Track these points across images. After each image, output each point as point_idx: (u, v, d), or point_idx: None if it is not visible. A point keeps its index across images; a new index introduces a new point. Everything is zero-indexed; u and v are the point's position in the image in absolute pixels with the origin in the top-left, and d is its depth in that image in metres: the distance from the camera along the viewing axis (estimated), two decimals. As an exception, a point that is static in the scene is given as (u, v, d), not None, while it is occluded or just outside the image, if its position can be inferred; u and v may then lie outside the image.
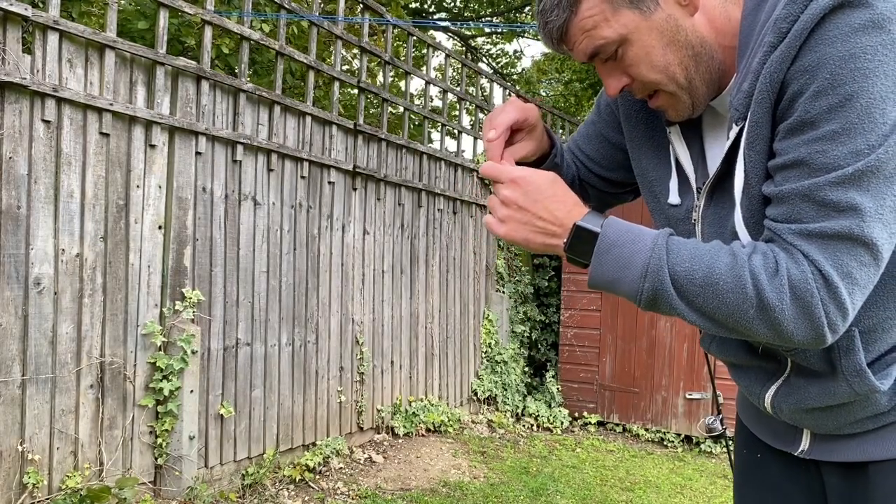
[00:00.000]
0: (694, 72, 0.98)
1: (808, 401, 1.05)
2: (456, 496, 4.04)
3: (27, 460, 2.87)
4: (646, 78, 0.99)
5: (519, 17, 13.22)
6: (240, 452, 3.83)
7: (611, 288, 0.94)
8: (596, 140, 1.27)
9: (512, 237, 0.97)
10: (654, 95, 1.02)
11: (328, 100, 5.01)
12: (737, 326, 0.89)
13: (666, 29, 0.96)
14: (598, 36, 0.96)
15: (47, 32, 2.91)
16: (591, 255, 0.93)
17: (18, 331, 2.86)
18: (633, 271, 0.91)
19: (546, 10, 0.98)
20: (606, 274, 0.93)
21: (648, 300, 0.92)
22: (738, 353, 1.15)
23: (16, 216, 2.84)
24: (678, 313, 0.92)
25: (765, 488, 1.22)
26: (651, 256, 0.90)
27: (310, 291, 4.32)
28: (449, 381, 5.69)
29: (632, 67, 0.99)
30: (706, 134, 1.07)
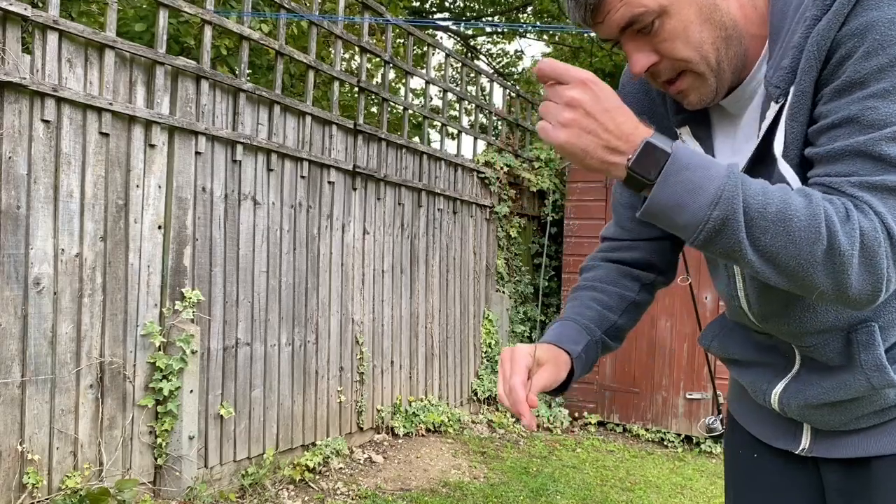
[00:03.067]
0: (724, 54, 0.96)
1: (821, 396, 1.04)
2: (456, 496, 4.04)
3: (27, 460, 2.87)
4: (679, 55, 0.95)
5: (520, 17, 13.22)
6: (240, 452, 3.82)
7: (670, 215, 0.84)
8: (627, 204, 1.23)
9: (572, 145, 0.84)
10: (678, 78, 0.99)
11: (328, 99, 5.01)
12: (798, 271, 0.83)
13: (704, 5, 0.94)
14: (638, 3, 0.92)
15: (47, 32, 2.91)
16: (656, 177, 0.83)
17: (18, 331, 2.86)
18: (703, 197, 0.82)
19: None
20: (671, 198, 0.83)
21: (712, 231, 0.82)
22: (743, 350, 1.14)
23: (15, 216, 2.84)
24: (737, 251, 0.83)
25: (762, 489, 1.20)
26: (727, 183, 0.82)
27: (310, 291, 4.32)
28: (449, 381, 5.69)
29: (665, 43, 0.94)
30: (716, 133, 1.06)
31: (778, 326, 1.06)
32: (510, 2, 12.65)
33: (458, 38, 13.37)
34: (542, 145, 7.03)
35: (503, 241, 6.41)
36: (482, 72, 6.42)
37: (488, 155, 6.28)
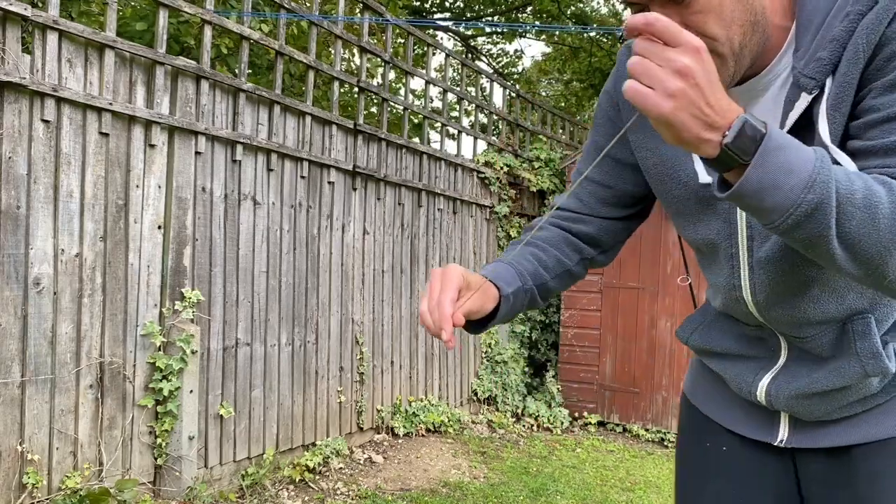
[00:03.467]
0: (748, 39, 0.92)
1: (812, 386, 1.05)
2: (456, 496, 4.04)
3: (27, 460, 2.87)
4: (709, 30, 0.89)
5: (519, 17, 13.22)
6: (239, 452, 3.82)
7: (762, 196, 0.79)
8: (605, 163, 1.21)
9: (675, 117, 0.76)
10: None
11: (328, 99, 5.01)
12: (876, 258, 0.82)
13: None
14: None
15: (47, 32, 2.91)
16: (751, 156, 0.78)
17: (18, 331, 2.86)
18: (798, 178, 0.78)
19: None
20: (766, 178, 0.78)
21: (803, 214, 0.79)
22: (729, 343, 1.15)
23: (15, 216, 2.84)
24: (824, 236, 0.80)
25: (732, 480, 1.19)
26: (820, 166, 0.79)
27: (309, 291, 4.32)
28: (449, 381, 5.69)
29: (698, 15, 0.89)
30: None
31: (779, 317, 1.05)
32: (510, 2, 12.65)
33: (458, 38, 13.37)
34: (542, 145, 7.04)
35: (503, 241, 6.40)
36: (482, 72, 6.42)
37: (488, 155, 6.28)
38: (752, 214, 0.83)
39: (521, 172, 6.46)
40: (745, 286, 1.06)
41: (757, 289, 1.05)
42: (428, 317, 0.99)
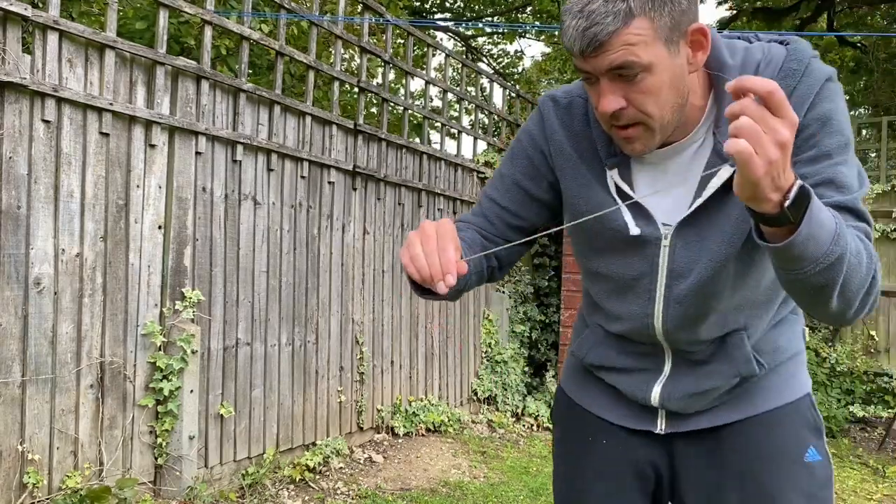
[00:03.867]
0: (674, 117, 1.11)
1: (698, 387, 1.27)
2: (456, 496, 4.04)
3: (27, 460, 2.87)
4: (647, 109, 1.08)
5: (519, 17, 13.22)
6: (240, 452, 3.83)
7: (804, 247, 0.91)
8: (513, 190, 1.36)
9: (764, 179, 0.86)
10: (631, 127, 1.11)
11: (328, 100, 5.01)
12: (852, 298, 0.99)
13: (677, 74, 1.08)
14: (634, 53, 1.03)
15: (47, 32, 2.91)
16: (801, 214, 0.90)
17: (18, 331, 2.86)
18: (828, 232, 0.92)
19: (598, 14, 1.02)
20: (811, 232, 0.90)
21: (829, 264, 0.93)
22: (621, 360, 1.34)
23: (16, 216, 2.85)
24: (834, 282, 0.95)
25: (617, 465, 1.36)
26: (839, 223, 0.95)
27: (310, 291, 4.32)
28: (449, 381, 5.69)
29: (640, 95, 1.07)
30: (636, 177, 1.22)
31: (679, 338, 1.26)
32: (510, 2, 12.64)
33: (458, 38, 13.37)
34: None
35: (503, 241, 6.40)
36: (482, 72, 6.43)
37: (488, 155, 6.28)
38: (782, 262, 0.95)
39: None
40: (658, 316, 1.25)
41: (668, 319, 1.24)
42: (423, 261, 1.06)
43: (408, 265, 1.09)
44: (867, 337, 6.88)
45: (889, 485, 4.73)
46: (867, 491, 4.60)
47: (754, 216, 0.94)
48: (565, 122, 1.29)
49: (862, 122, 10.61)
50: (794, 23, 11.50)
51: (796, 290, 1.00)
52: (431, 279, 1.06)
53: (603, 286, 1.32)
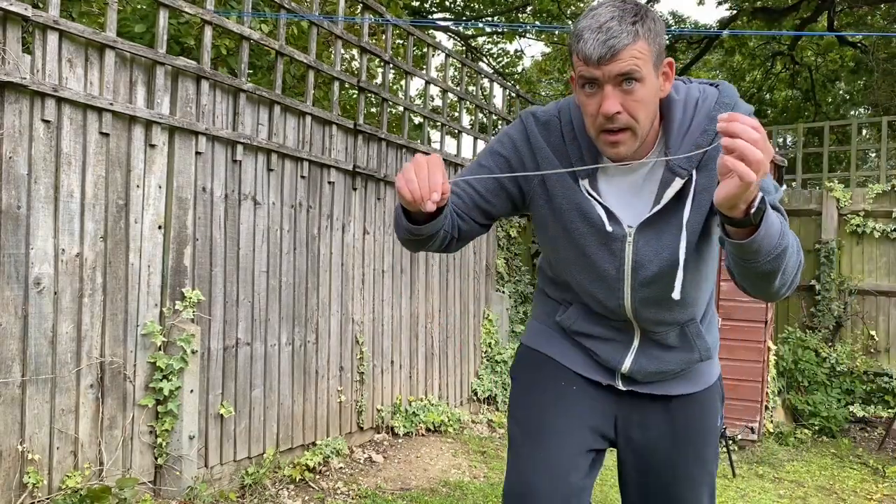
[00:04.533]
0: (647, 132, 1.40)
1: (662, 366, 1.60)
2: (456, 496, 4.04)
3: (27, 460, 2.88)
4: (637, 114, 1.35)
5: (519, 17, 13.21)
6: (240, 452, 3.83)
7: (762, 242, 1.18)
8: (490, 182, 1.58)
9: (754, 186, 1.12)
10: (620, 132, 1.37)
11: (328, 100, 5.01)
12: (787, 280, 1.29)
13: (656, 92, 1.38)
14: (637, 65, 1.31)
15: (47, 32, 2.91)
16: (761, 220, 1.18)
17: (18, 331, 2.86)
18: (776, 230, 1.20)
19: (615, 30, 1.30)
20: (767, 230, 1.18)
21: (778, 255, 1.20)
22: (600, 330, 1.62)
23: (16, 216, 2.85)
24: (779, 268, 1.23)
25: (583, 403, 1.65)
26: (783, 221, 1.25)
27: (310, 291, 4.32)
28: (449, 381, 5.69)
29: (634, 102, 1.34)
30: (602, 187, 1.50)
31: (645, 317, 1.56)
32: (510, 2, 12.64)
33: (458, 38, 13.36)
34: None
35: (503, 241, 6.41)
36: (482, 72, 6.42)
37: (488, 155, 6.27)
38: (743, 254, 1.20)
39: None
40: (627, 299, 1.54)
41: (636, 301, 1.54)
42: (415, 183, 1.25)
43: (402, 187, 1.27)
44: (867, 337, 6.88)
45: (889, 485, 4.73)
46: (867, 491, 4.60)
47: (724, 219, 1.19)
48: (545, 137, 1.54)
49: (862, 122, 10.60)
50: (794, 23, 11.50)
51: (749, 276, 1.26)
52: (422, 199, 1.25)
53: (583, 276, 1.57)
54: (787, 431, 5.83)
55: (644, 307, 1.54)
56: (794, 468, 5.05)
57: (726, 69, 15.73)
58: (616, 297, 1.54)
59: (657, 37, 1.35)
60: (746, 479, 4.75)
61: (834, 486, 4.67)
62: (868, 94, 14.04)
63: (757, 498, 4.37)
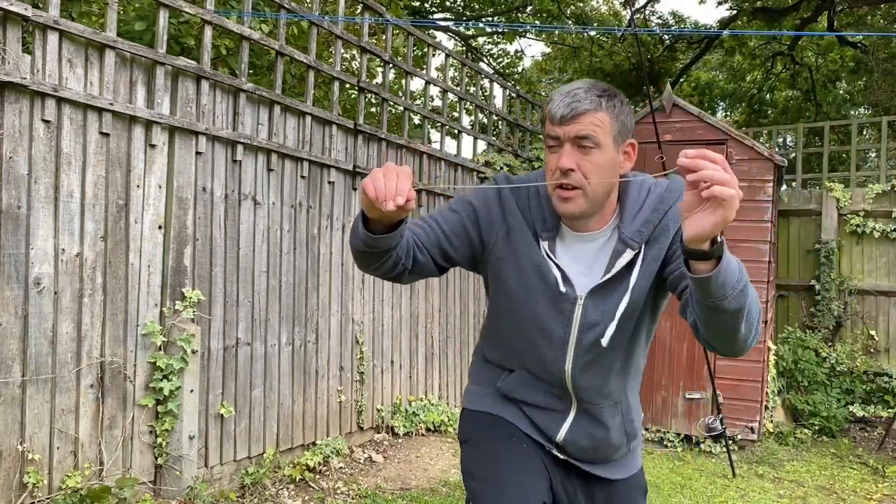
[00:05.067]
0: (601, 199, 1.54)
1: (594, 441, 1.69)
2: (456, 496, 4.04)
3: (27, 460, 2.88)
4: (589, 175, 1.49)
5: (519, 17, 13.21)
6: (240, 452, 3.83)
7: (725, 274, 1.23)
8: (457, 225, 1.66)
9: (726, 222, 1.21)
10: (573, 189, 1.50)
11: (328, 99, 5.01)
12: (752, 321, 1.33)
13: (613, 164, 1.52)
14: (595, 132, 1.47)
15: (47, 32, 2.91)
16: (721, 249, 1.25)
17: (18, 330, 2.87)
18: (735, 265, 1.27)
19: (580, 97, 1.48)
20: (728, 264, 1.24)
21: (741, 289, 1.26)
22: (538, 398, 1.69)
23: (16, 216, 2.85)
24: (744, 305, 1.28)
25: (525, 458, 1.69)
26: (737, 259, 1.30)
27: (310, 291, 4.32)
28: (449, 381, 5.69)
29: (588, 164, 1.49)
30: (559, 251, 1.61)
31: (582, 384, 1.63)
32: (510, 2, 12.64)
33: (458, 38, 13.37)
34: (542, 146, 7.03)
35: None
36: (482, 72, 6.42)
37: (488, 155, 6.28)
38: (712, 290, 1.25)
39: (521, 172, 6.46)
40: (569, 360, 1.62)
41: (577, 366, 1.61)
42: (381, 183, 1.31)
43: (367, 185, 1.33)
44: (867, 337, 6.88)
45: (889, 485, 4.73)
46: (867, 491, 4.60)
47: (690, 256, 1.26)
48: (514, 195, 1.66)
49: (862, 122, 10.60)
50: (794, 23, 11.50)
51: (716, 320, 1.30)
52: (385, 198, 1.30)
53: (530, 334, 1.64)
54: (787, 431, 5.83)
55: (583, 371, 1.62)
56: (793, 468, 5.05)
57: (726, 69, 15.73)
58: (560, 359, 1.62)
59: (621, 115, 1.51)
60: (746, 479, 4.76)
61: (834, 486, 4.67)
62: (868, 94, 14.04)
63: (757, 498, 4.37)
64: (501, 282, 1.66)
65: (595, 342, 1.59)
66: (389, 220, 1.43)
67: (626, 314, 1.56)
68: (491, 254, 1.66)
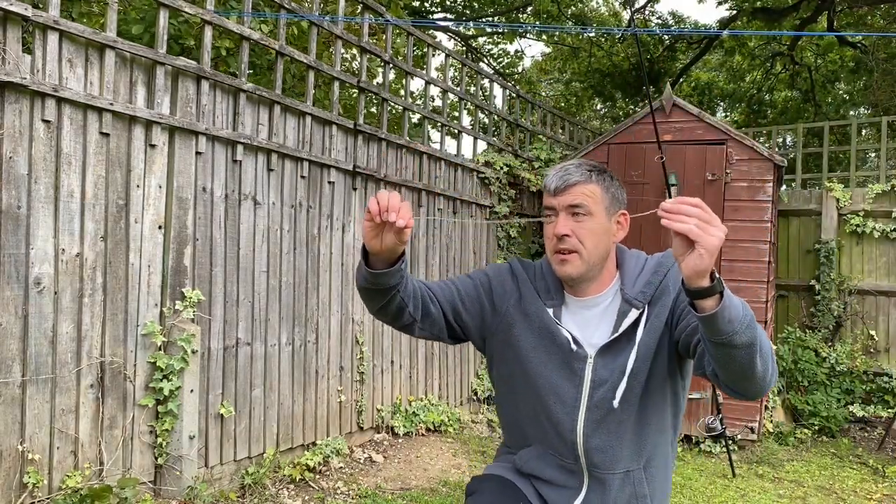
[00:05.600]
0: (598, 264, 1.67)
1: None
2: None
3: (27, 460, 2.88)
4: (584, 241, 1.63)
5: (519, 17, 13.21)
6: (240, 452, 3.83)
7: (730, 310, 1.29)
8: (471, 289, 1.78)
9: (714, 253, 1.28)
10: (569, 253, 1.63)
11: (328, 100, 5.01)
12: (767, 359, 1.37)
13: (606, 232, 1.66)
14: (586, 201, 1.63)
15: (47, 32, 2.91)
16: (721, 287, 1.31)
17: (18, 330, 2.87)
18: (737, 301, 1.32)
19: (572, 171, 1.65)
20: (730, 299, 1.30)
21: (748, 324, 1.30)
22: (550, 473, 1.71)
23: (16, 216, 2.85)
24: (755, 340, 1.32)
25: None
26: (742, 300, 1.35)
27: (310, 291, 4.32)
28: (449, 381, 5.69)
29: (582, 230, 1.63)
30: (564, 317, 1.71)
31: (592, 448, 1.64)
32: (510, 2, 12.64)
33: (458, 38, 13.37)
34: (542, 146, 7.04)
35: (503, 241, 6.41)
36: (482, 72, 6.43)
37: (488, 155, 6.28)
38: (719, 326, 1.29)
39: (521, 172, 6.47)
40: (581, 420, 1.65)
41: (587, 423, 1.65)
42: (385, 200, 1.44)
43: (371, 203, 1.46)
44: (867, 337, 6.88)
45: (889, 485, 4.73)
46: (867, 491, 4.60)
47: (692, 294, 1.31)
48: (524, 269, 1.81)
49: (862, 122, 10.60)
50: (793, 23, 11.50)
51: (731, 357, 1.32)
52: (386, 210, 1.43)
53: (540, 397, 1.69)
54: (787, 431, 5.83)
55: (595, 431, 1.65)
56: (793, 468, 5.05)
57: (726, 69, 15.73)
58: (571, 419, 1.66)
59: (611, 188, 1.67)
60: (746, 479, 4.76)
61: (834, 486, 4.67)
62: (868, 94, 14.04)
63: (757, 498, 4.37)
64: (513, 347, 1.74)
65: (605, 399, 1.63)
66: (390, 256, 1.54)
67: (635, 371, 1.62)
68: (502, 321, 1.75)
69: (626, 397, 1.63)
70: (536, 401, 1.71)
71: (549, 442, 1.72)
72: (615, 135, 6.02)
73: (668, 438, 1.72)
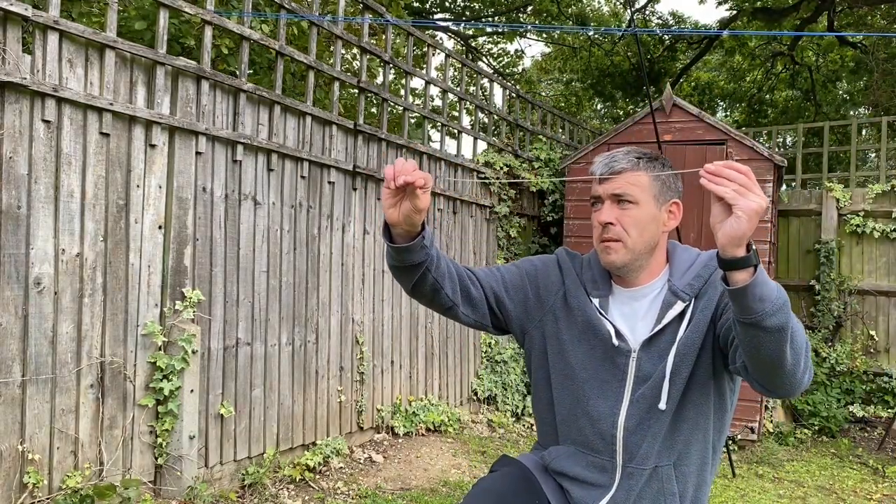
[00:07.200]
0: (643, 251, 1.63)
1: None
2: (456, 496, 4.04)
3: (27, 460, 2.88)
4: (628, 229, 1.60)
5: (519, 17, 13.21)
6: (240, 452, 3.83)
7: (762, 287, 1.25)
8: (516, 277, 1.76)
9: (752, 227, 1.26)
10: (613, 241, 1.61)
11: (328, 100, 5.01)
12: (801, 346, 1.33)
13: (654, 220, 1.62)
14: (630, 189, 1.60)
15: (47, 32, 2.91)
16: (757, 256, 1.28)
17: (18, 331, 2.87)
18: (772, 282, 1.28)
19: (618, 158, 1.62)
20: (765, 278, 1.27)
21: (781, 306, 1.26)
22: (578, 470, 1.66)
23: (16, 216, 2.85)
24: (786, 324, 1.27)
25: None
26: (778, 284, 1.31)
27: (310, 291, 4.32)
28: (449, 381, 5.69)
29: (626, 218, 1.60)
30: (611, 308, 1.68)
31: (630, 444, 1.61)
32: (510, 2, 12.64)
33: (458, 38, 13.37)
34: (542, 145, 7.04)
35: (503, 241, 6.41)
36: (482, 72, 6.42)
37: (488, 155, 6.28)
38: (750, 304, 1.25)
39: (521, 172, 6.47)
40: (622, 414, 1.62)
41: (629, 418, 1.61)
42: (400, 165, 1.43)
43: (387, 168, 1.44)
44: (867, 337, 6.88)
45: (889, 485, 4.73)
46: (867, 491, 4.60)
47: (726, 265, 1.28)
48: (570, 260, 1.78)
49: (862, 123, 10.61)
50: (794, 23, 11.50)
51: (759, 344, 1.28)
52: (400, 173, 1.41)
53: (580, 392, 1.66)
54: (787, 431, 5.83)
55: (635, 428, 1.61)
56: (793, 468, 5.05)
57: (726, 69, 15.73)
58: (613, 412, 1.62)
59: (662, 176, 1.64)
60: (746, 479, 4.76)
61: (834, 486, 4.67)
62: (868, 94, 14.04)
63: (757, 498, 4.37)
64: (555, 340, 1.71)
65: (648, 395, 1.60)
66: (410, 228, 1.51)
67: (676, 366, 1.58)
68: (546, 314, 1.73)
69: (669, 394, 1.59)
70: (577, 396, 1.67)
71: (584, 439, 1.67)
72: (615, 135, 6.02)
73: (706, 438, 1.64)
